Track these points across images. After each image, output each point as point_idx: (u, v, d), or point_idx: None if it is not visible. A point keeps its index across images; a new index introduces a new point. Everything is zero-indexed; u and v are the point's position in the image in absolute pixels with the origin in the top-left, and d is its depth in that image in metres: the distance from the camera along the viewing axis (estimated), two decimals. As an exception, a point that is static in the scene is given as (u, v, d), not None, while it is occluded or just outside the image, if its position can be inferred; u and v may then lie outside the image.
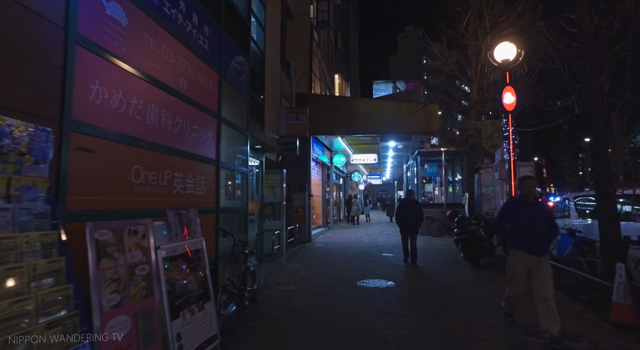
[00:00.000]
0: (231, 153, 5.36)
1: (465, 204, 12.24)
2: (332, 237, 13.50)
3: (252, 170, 8.30)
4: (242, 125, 5.73)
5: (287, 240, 9.86)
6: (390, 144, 13.59)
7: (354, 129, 11.61)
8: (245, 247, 4.48)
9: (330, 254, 9.52)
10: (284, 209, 9.56)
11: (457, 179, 16.87)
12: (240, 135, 5.65)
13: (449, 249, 10.12)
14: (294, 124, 9.82)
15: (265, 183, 9.64)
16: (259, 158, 8.17)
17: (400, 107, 11.21)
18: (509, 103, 8.79)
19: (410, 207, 7.99)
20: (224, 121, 4.99)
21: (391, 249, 10.25)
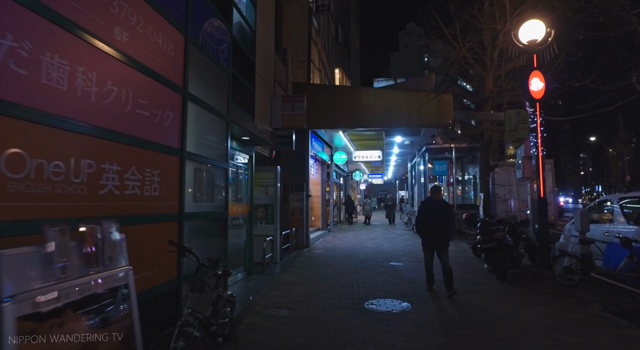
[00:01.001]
0: (204, 142, 4.16)
1: (480, 205, 11.06)
2: (332, 241, 12.32)
3: (239, 167, 7.11)
4: (222, 108, 4.54)
5: (281, 247, 8.68)
6: (397, 139, 12.41)
7: (357, 122, 10.43)
8: (216, 268, 3.28)
9: (331, 262, 8.33)
10: (277, 211, 8.37)
11: (466, 178, 15.70)
12: (218, 120, 4.45)
13: (465, 257, 8.93)
14: (289, 115, 8.64)
15: (256, 182, 8.46)
16: (248, 152, 6.98)
17: (409, 98, 10.03)
18: (536, 90, 7.61)
19: (437, 210, 5.56)
20: (193, 99, 3.79)
21: (399, 257, 9.06)
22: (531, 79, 7.61)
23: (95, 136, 2.45)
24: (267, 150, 8.45)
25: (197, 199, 3.91)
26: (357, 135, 13.61)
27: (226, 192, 4.56)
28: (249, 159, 7.14)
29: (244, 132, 6.03)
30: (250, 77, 7.18)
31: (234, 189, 6.86)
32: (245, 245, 7.04)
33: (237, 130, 5.94)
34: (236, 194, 7.02)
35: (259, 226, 8.46)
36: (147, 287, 2.90)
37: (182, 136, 3.52)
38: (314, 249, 10.58)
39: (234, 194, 6.63)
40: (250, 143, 6.88)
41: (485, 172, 11.05)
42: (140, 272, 2.82)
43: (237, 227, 6.95)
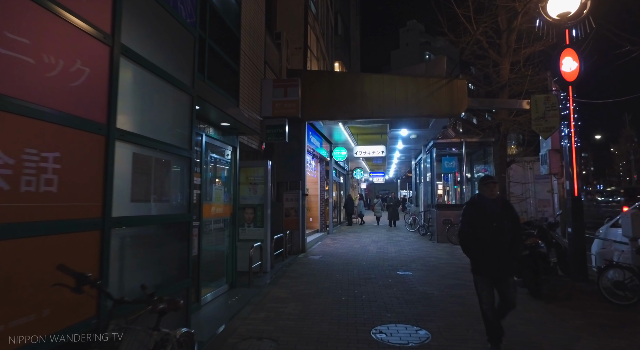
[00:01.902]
0: (154, 121, 3.05)
1: (495, 206, 9.93)
2: (331, 244, 11.21)
3: (219, 160, 6.00)
4: (184, 78, 3.43)
5: (273, 253, 7.57)
6: (402, 132, 11.29)
7: (359, 113, 9.31)
8: (157, 303, 2.15)
9: (330, 271, 7.21)
10: (268, 212, 7.27)
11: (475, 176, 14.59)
12: (177, 93, 3.34)
13: (483, 264, 7.82)
14: (281, 102, 7.53)
15: (244, 178, 7.37)
16: (231, 143, 5.87)
17: (418, 84, 8.91)
18: (568, 71, 6.50)
19: (495, 216, 3.46)
20: (132, 56, 2.68)
21: (408, 264, 7.95)
22: (563, 59, 6.51)
23: None
24: (255, 142, 7.34)
25: (140, 198, 2.80)
26: (359, 128, 12.49)
27: (190, 189, 3.44)
28: (232, 151, 6.03)
29: (223, 116, 4.92)
30: (233, 54, 6.07)
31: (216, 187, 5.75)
32: (228, 252, 5.93)
33: (214, 114, 4.84)
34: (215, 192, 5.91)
35: (247, 230, 7.38)
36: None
37: (108, 106, 2.40)
38: (310, 254, 9.47)
39: (212, 192, 5.53)
40: (233, 131, 5.77)
41: (502, 168, 9.93)
42: (12, 317, 1.72)
43: (219, 231, 5.84)
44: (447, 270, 7.32)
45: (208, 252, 5.78)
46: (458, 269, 7.38)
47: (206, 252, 5.69)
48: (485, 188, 3.53)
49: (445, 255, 9.21)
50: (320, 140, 12.66)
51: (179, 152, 3.28)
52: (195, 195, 4.64)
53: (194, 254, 4.61)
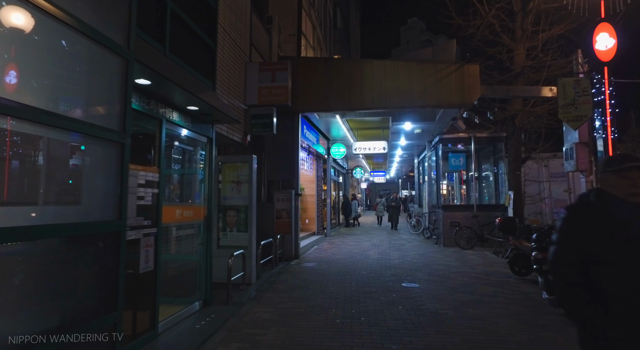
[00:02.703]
0: (53, 86, 2.08)
1: (508, 206, 8.98)
2: (328, 249, 10.25)
3: (188, 152, 5.05)
4: (112, 33, 2.47)
5: (259, 261, 6.63)
6: (405, 126, 10.32)
7: (358, 103, 8.37)
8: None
9: (324, 282, 6.26)
10: (253, 214, 6.32)
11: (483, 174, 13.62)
12: (99, 52, 2.38)
13: (499, 274, 6.86)
14: (269, 88, 6.58)
15: (226, 176, 6.43)
16: (204, 132, 4.91)
17: (424, 71, 7.96)
18: (604, 49, 5.54)
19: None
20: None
21: (413, 273, 6.99)
22: (597, 35, 5.55)
23: None
24: (238, 134, 6.38)
25: (17, 200, 1.85)
26: (359, 122, 11.53)
27: (123, 187, 2.49)
28: (206, 142, 5.07)
29: (191, 99, 3.97)
30: (208, 28, 5.12)
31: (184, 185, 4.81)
32: (201, 263, 4.97)
33: (179, 96, 3.90)
34: (183, 190, 4.97)
35: (229, 234, 6.44)
36: None
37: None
38: (304, 260, 8.51)
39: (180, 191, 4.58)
40: (206, 119, 4.81)
41: (516, 165, 8.97)
42: None
43: (191, 238, 4.89)
44: (459, 281, 6.36)
45: (175, 263, 4.83)
46: (471, 280, 6.42)
47: (172, 264, 4.75)
48: (619, 179, 1.56)
49: (454, 261, 8.24)
50: (317, 135, 11.71)
51: (100, 133, 2.33)
52: (151, 194, 3.70)
53: (149, 269, 3.67)
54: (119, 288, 2.40)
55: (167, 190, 4.63)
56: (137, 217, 3.48)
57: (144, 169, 3.60)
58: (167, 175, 4.63)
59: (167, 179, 4.58)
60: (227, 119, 4.93)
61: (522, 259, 6.44)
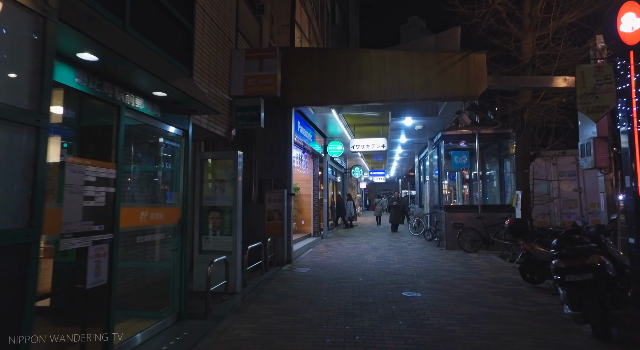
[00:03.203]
0: None
1: (516, 207, 8.40)
2: (324, 252, 9.66)
3: (161, 146, 4.47)
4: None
5: (245, 267, 6.04)
6: (406, 122, 9.72)
7: (355, 96, 7.78)
8: None
9: (317, 291, 5.67)
10: (238, 216, 5.74)
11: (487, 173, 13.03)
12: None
13: (509, 281, 6.27)
14: (256, 77, 5.99)
15: (208, 174, 5.85)
16: (178, 124, 4.32)
17: (426, 61, 7.38)
18: (629, 31, 4.95)
19: None
20: None
21: (415, 281, 6.39)
22: (622, 16, 4.96)
23: None
24: (222, 128, 5.79)
25: None
26: (356, 118, 10.93)
27: (36, 184, 1.90)
28: (182, 136, 4.48)
29: (155, 82, 3.38)
30: (184, 6, 4.52)
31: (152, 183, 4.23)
32: (175, 272, 4.38)
33: (143, 79, 3.32)
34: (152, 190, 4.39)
35: (212, 238, 5.85)
36: None
37: None
38: (297, 265, 7.92)
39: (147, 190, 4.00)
40: (180, 108, 4.22)
41: (524, 163, 8.38)
42: None
43: (164, 244, 4.31)
44: (465, 289, 5.77)
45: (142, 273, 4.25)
46: (479, 288, 5.83)
47: (139, 274, 4.17)
48: None
49: (458, 266, 7.65)
50: (313, 132, 11.13)
51: (2, 114, 1.73)
52: (104, 194, 3.11)
53: (101, 283, 3.07)
54: (25, 318, 1.81)
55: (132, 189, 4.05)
56: (85, 222, 2.89)
57: (95, 163, 3.01)
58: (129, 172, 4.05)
59: (129, 176, 3.99)
60: (204, 108, 4.34)
61: (534, 265, 5.86)
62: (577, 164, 10.01)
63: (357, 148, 11.12)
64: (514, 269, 7.24)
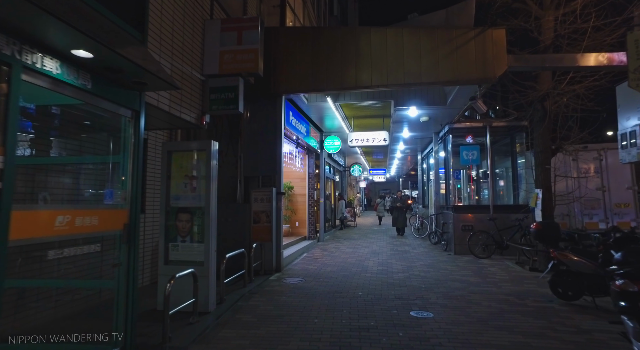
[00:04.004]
0: None
1: (535, 207, 7.41)
2: (319, 259, 8.67)
3: (97, 129, 3.49)
4: None
5: (223, 280, 5.06)
6: (410, 112, 8.73)
7: (354, 81, 6.81)
8: None
9: (307, 311, 4.68)
10: (212, 219, 4.75)
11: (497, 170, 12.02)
12: None
13: (534, 294, 5.28)
14: (233, 52, 5.00)
15: (177, 169, 4.87)
16: (123, 102, 3.33)
17: (435, 39, 6.40)
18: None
19: None
20: None
21: (423, 294, 5.41)
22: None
23: None
24: (190, 112, 4.78)
25: None
26: (355, 108, 9.93)
27: None
28: (130, 117, 3.49)
29: (72, 35, 2.39)
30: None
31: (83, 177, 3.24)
32: (119, 293, 3.38)
33: (55, 31, 2.33)
34: (83, 186, 3.41)
35: (181, 246, 4.87)
36: None
37: None
38: (288, 274, 6.93)
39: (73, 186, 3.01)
40: (122, 80, 3.22)
41: (545, 158, 7.39)
42: None
43: (97, 256, 3.32)
44: (486, 307, 4.78)
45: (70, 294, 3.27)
46: (501, 305, 4.84)
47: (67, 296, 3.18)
48: None
49: (472, 276, 6.67)
50: (308, 126, 10.15)
51: None
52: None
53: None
54: None
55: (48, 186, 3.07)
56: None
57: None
58: (44, 163, 3.06)
59: (43, 169, 3.01)
60: (157, 82, 3.34)
61: (567, 277, 4.87)
62: (600, 160, 9.04)
63: (356, 143, 10.13)
64: (537, 279, 6.26)
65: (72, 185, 3.43)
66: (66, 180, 3.43)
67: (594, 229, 8.62)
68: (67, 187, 3.39)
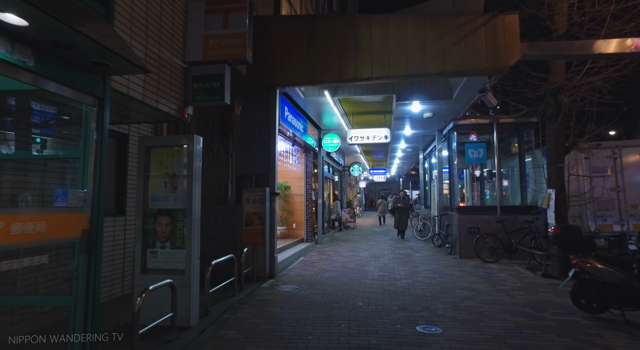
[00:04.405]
0: None
1: (548, 208, 6.91)
2: (317, 263, 8.16)
3: (49, 116, 2.98)
4: None
5: (208, 290, 4.56)
6: (413, 107, 8.22)
7: (353, 73, 6.31)
8: None
9: (300, 325, 4.18)
10: (195, 222, 4.25)
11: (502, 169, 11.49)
12: None
13: (552, 304, 4.78)
14: (219, 37, 4.50)
15: (156, 167, 4.38)
16: (83, 87, 2.83)
17: (441, 26, 5.91)
18: None
19: None
20: None
21: (429, 305, 4.90)
22: None
23: None
24: (169, 102, 4.27)
25: None
26: (355, 103, 9.42)
27: None
28: (92, 105, 2.98)
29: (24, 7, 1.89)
30: None
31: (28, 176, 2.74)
32: (76, 312, 2.87)
33: None
34: (36, 185, 2.92)
35: (160, 253, 4.37)
36: None
37: None
38: (282, 280, 6.43)
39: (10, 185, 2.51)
40: (81, 60, 2.72)
41: (558, 155, 6.89)
42: None
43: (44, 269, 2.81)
44: (500, 320, 4.28)
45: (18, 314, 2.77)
46: (518, 318, 4.34)
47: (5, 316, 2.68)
48: None
49: (481, 283, 6.17)
50: (305, 123, 9.65)
51: None
52: None
53: None
54: None
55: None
56: None
57: None
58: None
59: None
60: (118, 62, 2.83)
61: (592, 287, 4.37)
62: (614, 158, 8.53)
63: (355, 140, 9.63)
64: (553, 287, 5.76)
65: (14, 185, 2.92)
66: (6, 179, 2.93)
67: (609, 231, 8.12)
68: (6, 188, 2.88)
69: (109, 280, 5.05)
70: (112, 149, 5.19)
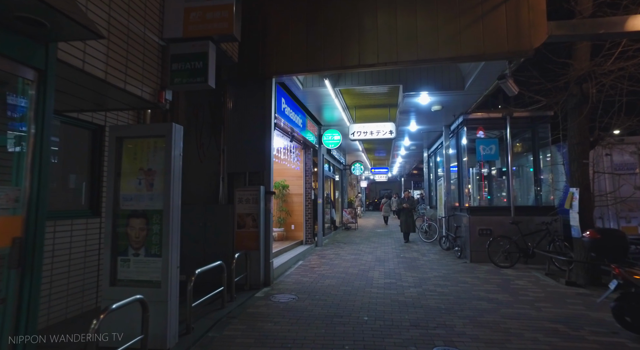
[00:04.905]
0: None
1: (571, 209, 6.26)
2: (316, 267, 7.52)
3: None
4: None
5: (191, 304, 3.92)
6: (421, 99, 7.56)
7: (356, 58, 5.68)
8: None
9: (296, 346, 3.54)
10: (172, 225, 3.61)
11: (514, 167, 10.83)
12: None
13: (588, 320, 4.15)
14: (202, 10, 3.85)
15: (129, 159, 3.75)
16: (17, 56, 2.19)
17: (456, 4, 5.28)
18: None
19: None
20: None
21: (444, 319, 4.26)
22: None
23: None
24: (141, 84, 3.61)
25: None
26: (357, 95, 8.76)
27: None
28: (32, 80, 2.35)
29: None
30: None
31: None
32: (2, 341, 2.22)
33: None
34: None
35: (134, 261, 3.73)
36: None
37: None
38: (278, 289, 5.79)
39: None
40: (10, 17, 2.08)
41: (582, 151, 6.25)
42: None
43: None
44: (531, 340, 3.64)
45: None
46: (551, 339, 3.69)
47: None
48: None
49: (499, 292, 5.53)
50: (304, 118, 9.01)
51: None
52: None
53: None
54: None
55: None
56: None
57: None
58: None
59: None
60: (58, 20, 2.19)
61: (638, 302, 3.73)
62: (639, 154, 7.90)
63: (358, 135, 8.97)
64: (582, 298, 5.13)
65: None
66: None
67: (634, 234, 7.48)
68: None
69: (80, 291, 4.41)
70: (86, 142, 4.57)
